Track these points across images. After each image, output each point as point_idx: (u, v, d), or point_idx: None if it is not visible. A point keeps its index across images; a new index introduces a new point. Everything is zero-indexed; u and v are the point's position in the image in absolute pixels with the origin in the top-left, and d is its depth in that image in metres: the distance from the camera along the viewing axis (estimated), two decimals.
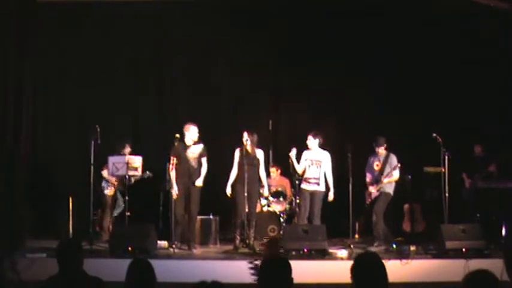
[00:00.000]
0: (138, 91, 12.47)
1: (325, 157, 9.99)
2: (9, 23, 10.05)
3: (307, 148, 10.03)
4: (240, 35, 12.01)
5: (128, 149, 10.67)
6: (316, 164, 9.91)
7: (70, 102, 12.14)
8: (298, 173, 10.08)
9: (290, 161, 10.00)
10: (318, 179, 9.89)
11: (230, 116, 12.20)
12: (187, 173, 9.62)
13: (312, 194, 9.90)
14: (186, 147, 9.70)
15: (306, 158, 9.97)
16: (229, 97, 12.39)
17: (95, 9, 11.81)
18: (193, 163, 9.71)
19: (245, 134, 9.65)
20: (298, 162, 10.02)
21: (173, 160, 9.60)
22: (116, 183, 10.78)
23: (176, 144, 9.64)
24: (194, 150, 9.74)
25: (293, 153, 9.94)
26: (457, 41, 11.68)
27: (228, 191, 9.72)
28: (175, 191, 9.59)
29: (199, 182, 9.69)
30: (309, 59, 12.04)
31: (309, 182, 9.92)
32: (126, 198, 10.05)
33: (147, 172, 10.46)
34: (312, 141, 9.94)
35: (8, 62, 10.04)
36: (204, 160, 9.81)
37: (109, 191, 10.81)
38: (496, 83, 11.46)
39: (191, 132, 9.73)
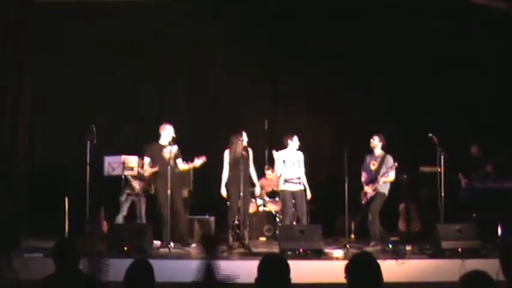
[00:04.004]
0: (137, 91, 12.47)
1: (302, 157, 10.07)
2: (8, 23, 10.04)
3: (281, 148, 10.08)
4: (238, 35, 12.03)
5: None
6: (297, 164, 9.98)
7: (68, 102, 12.11)
8: (276, 173, 10.22)
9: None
10: (300, 178, 9.97)
11: (227, 116, 12.19)
12: (166, 173, 9.44)
13: (297, 193, 9.94)
14: (161, 147, 9.65)
15: (284, 158, 9.99)
16: (226, 97, 12.40)
17: (94, 9, 11.78)
18: (172, 163, 9.61)
19: (244, 134, 9.65)
20: (273, 164, 10.20)
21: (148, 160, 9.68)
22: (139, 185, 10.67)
23: (149, 145, 9.67)
24: (170, 150, 9.69)
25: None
26: (456, 40, 11.71)
27: (223, 192, 9.71)
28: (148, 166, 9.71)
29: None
30: (307, 58, 12.08)
31: (292, 182, 9.95)
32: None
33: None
34: (296, 142, 9.99)
35: (6, 62, 10.03)
36: (179, 161, 9.78)
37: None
38: (494, 83, 11.49)
39: (167, 132, 9.69)
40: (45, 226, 10.66)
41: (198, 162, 9.73)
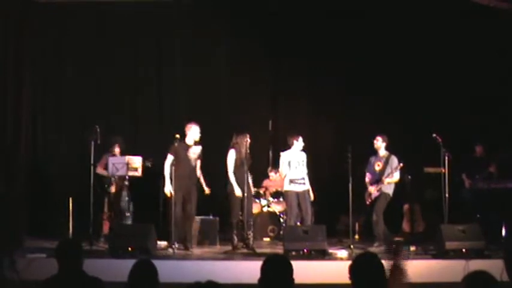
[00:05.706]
0: (138, 91, 12.46)
1: (305, 157, 10.06)
2: (8, 22, 10.05)
3: (284, 149, 10.07)
4: (240, 35, 12.02)
5: (117, 149, 10.56)
6: (301, 164, 9.97)
7: (70, 102, 12.12)
8: (281, 175, 10.17)
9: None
10: (304, 178, 9.97)
11: (229, 116, 12.17)
12: (187, 173, 9.56)
13: (301, 194, 9.92)
14: (187, 147, 9.63)
15: (289, 159, 9.97)
16: (228, 97, 12.37)
17: (94, 9, 11.80)
18: (194, 164, 9.67)
19: (247, 136, 9.64)
20: (278, 165, 10.17)
21: (171, 159, 9.58)
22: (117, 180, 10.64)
23: (176, 143, 9.59)
24: (195, 151, 9.69)
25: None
26: (457, 40, 11.68)
27: (238, 192, 9.50)
28: (168, 189, 9.55)
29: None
30: (309, 59, 12.07)
31: (297, 183, 9.93)
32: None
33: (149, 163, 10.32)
34: (301, 143, 9.98)
35: (7, 62, 10.03)
36: (198, 162, 9.78)
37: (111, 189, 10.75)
38: (496, 83, 11.46)
39: (193, 132, 9.67)
40: (47, 226, 10.68)
41: (206, 188, 9.92)
